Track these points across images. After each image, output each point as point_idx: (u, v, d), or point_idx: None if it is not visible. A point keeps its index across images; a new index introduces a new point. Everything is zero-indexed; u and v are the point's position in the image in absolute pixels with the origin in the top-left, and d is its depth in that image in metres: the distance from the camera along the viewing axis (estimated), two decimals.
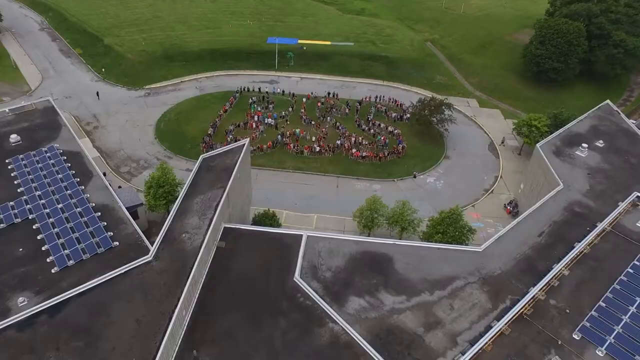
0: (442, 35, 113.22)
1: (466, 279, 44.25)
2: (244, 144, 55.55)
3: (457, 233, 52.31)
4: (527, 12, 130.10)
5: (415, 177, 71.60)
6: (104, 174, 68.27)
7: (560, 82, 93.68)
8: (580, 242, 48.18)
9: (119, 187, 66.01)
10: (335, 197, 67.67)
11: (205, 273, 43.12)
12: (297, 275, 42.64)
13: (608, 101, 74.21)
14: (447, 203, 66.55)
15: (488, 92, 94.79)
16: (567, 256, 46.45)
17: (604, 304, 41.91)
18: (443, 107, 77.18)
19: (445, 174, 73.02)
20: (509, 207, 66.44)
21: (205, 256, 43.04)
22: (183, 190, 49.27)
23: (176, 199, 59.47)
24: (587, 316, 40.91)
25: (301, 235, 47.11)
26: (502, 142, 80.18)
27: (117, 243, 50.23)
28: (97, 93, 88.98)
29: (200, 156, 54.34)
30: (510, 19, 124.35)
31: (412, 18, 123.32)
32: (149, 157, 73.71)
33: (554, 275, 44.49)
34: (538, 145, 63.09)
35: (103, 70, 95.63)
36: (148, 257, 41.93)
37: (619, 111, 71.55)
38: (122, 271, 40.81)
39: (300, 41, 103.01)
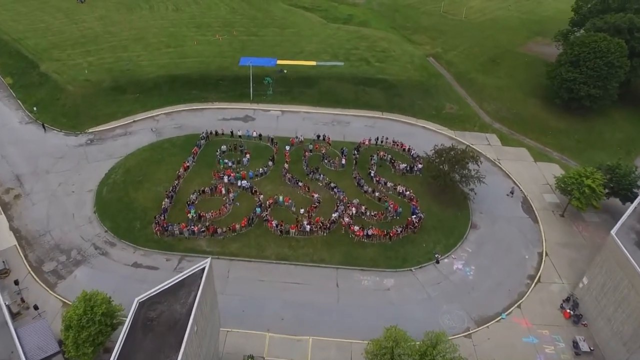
0: (446, 49, 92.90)
1: None
2: (203, 268, 35.58)
3: None
4: (534, 16, 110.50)
5: (438, 262, 52.25)
6: (16, 282, 47.81)
7: (594, 110, 74.39)
8: None
9: (35, 307, 45.31)
10: (335, 302, 48.07)
11: None
12: None
13: None
14: (485, 304, 48.41)
15: (509, 124, 75.38)
16: None
17: None
18: (466, 160, 57.34)
19: (476, 254, 53.80)
20: (567, 310, 47.62)
21: None
22: None
23: (111, 334, 39.69)
24: None
25: None
26: (511, 192, 60.95)
27: None
28: (44, 126, 68.59)
29: (135, 300, 33.89)
30: (518, 25, 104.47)
31: (408, 27, 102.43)
32: (84, 244, 52.98)
33: None
34: (613, 233, 44.27)
35: (35, 109, 73.50)
36: None
37: None
38: None
39: (279, 62, 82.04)
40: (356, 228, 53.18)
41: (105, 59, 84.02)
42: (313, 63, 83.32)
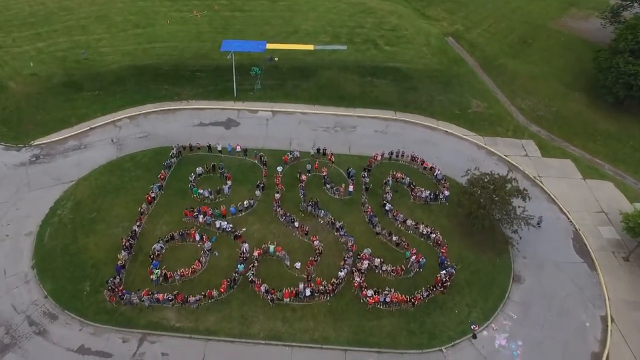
0: (467, 26, 77.11)
1: None
2: None
3: None
4: None
5: (474, 336, 39.61)
6: None
7: None
8: None
9: None
10: None
11: None
12: None
13: None
14: None
15: (548, 126, 61.30)
16: None
17: None
18: (509, 194, 43.72)
19: (522, 321, 41.24)
20: None
21: None
22: None
23: None
24: None
25: None
26: (539, 223, 47.09)
27: None
28: None
29: None
30: None
31: None
32: (15, 317, 40.14)
33: None
34: None
35: None
36: None
37: None
38: None
39: (269, 46, 66.17)
40: (369, 293, 40.11)
41: (59, 44, 68.38)
42: (310, 47, 67.94)
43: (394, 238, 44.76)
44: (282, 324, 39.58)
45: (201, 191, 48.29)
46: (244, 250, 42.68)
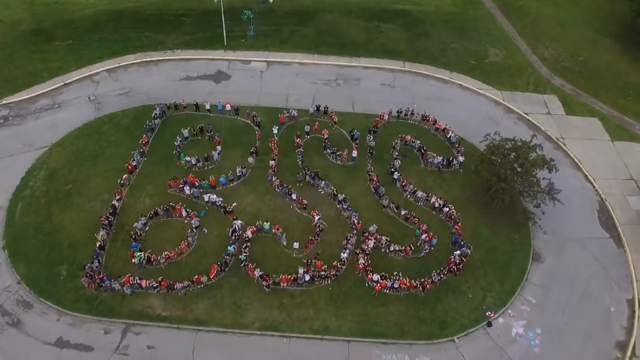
0: None
1: None
2: None
3: None
4: None
5: (489, 324, 36.04)
6: None
7: None
8: None
9: None
10: None
11: None
12: None
13: None
14: None
15: (574, 79, 55.01)
16: None
17: None
18: (533, 164, 38.71)
19: (541, 306, 37.57)
20: None
21: None
22: None
23: None
24: None
25: None
26: (551, 193, 40.05)
27: None
28: None
29: None
30: None
31: None
32: None
33: None
34: None
35: None
36: None
37: None
38: None
39: None
40: (376, 278, 36.08)
41: None
42: None
43: (403, 212, 40.13)
44: (278, 312, 35.88)
45: (188, 159, 43.09)
46: (237, 229, 38.17)
